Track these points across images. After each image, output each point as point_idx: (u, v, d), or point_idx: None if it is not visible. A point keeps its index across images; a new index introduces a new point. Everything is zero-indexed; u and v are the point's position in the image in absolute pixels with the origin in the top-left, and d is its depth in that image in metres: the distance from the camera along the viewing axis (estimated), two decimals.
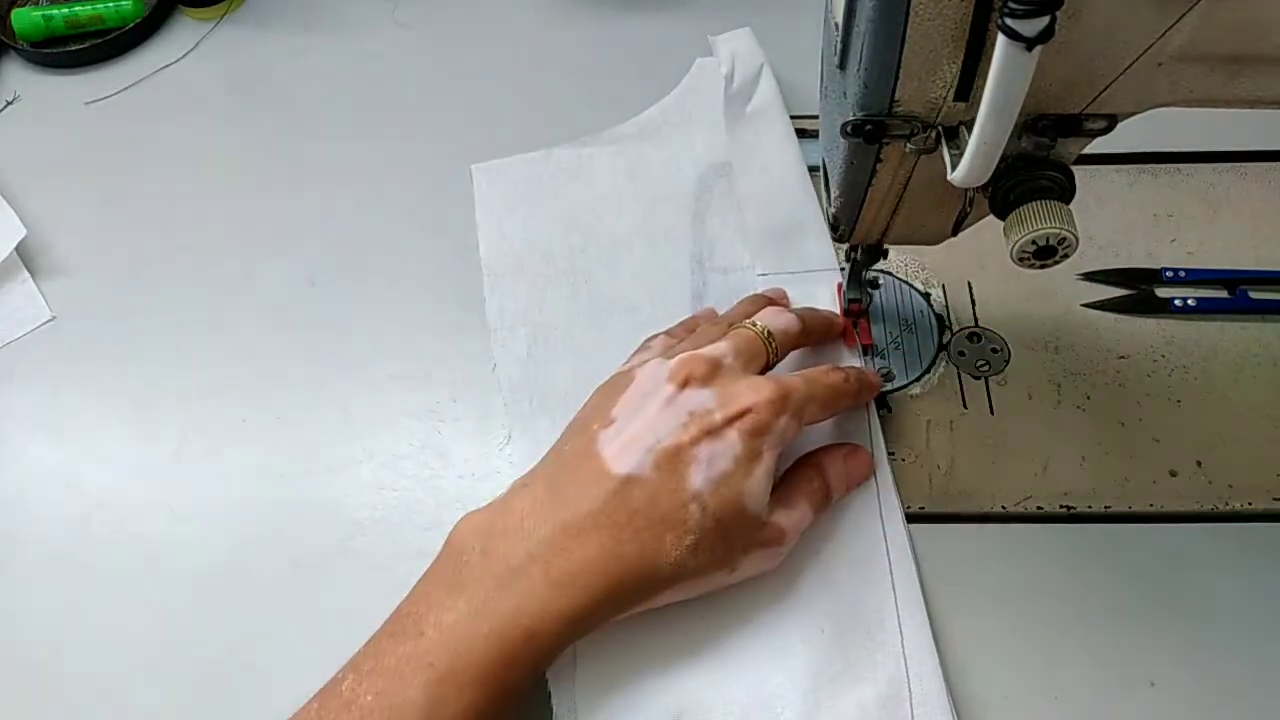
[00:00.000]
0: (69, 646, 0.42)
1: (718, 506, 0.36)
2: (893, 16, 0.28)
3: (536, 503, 0.37)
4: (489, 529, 0.36)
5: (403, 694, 0.33)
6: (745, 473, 0.36)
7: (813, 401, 0.39)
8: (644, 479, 0.36)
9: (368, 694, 0.33)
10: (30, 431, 0.48)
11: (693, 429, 0.36)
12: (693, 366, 0.38)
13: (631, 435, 0.37)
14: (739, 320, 0.42)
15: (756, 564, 0.38)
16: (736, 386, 0.38)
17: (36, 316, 0.52)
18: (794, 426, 0.38)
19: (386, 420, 0.47)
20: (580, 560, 0.35)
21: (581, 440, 0.38)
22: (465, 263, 0.52)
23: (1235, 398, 0.45)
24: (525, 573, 0.35)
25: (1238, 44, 0.29)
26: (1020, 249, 0.32)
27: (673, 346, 0.42)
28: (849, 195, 0.37)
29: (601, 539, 0.35)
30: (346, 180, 0.56)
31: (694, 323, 0.46)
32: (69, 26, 0.62)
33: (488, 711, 0.33)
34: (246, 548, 0.44)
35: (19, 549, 0.45)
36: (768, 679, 0.38)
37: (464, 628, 0.34)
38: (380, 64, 0.61)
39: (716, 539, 0.36)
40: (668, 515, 0.35)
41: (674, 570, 0.35)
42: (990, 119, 0.27)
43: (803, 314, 0.43)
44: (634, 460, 0.36)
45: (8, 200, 0.55)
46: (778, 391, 0.37)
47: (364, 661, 0.35)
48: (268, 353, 0.50)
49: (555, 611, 0.34)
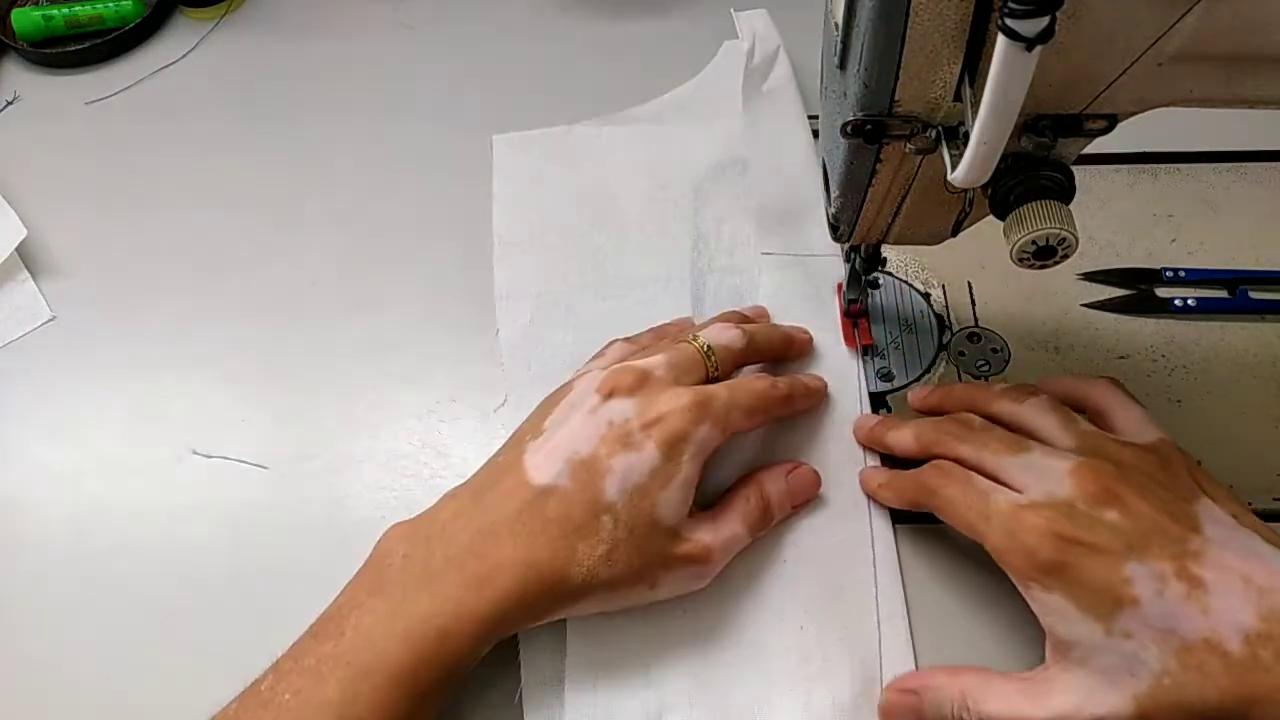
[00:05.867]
0: (69, 646, 0.42)
1: (630, 517, 0.36)
2: (893, 16, 0.28)
3: (460, 511, 0.37)
4: (412, 535, 0.37)
5: (320, 693, 0.34)
6: (660, 484, 0.36)
7: (736, 409, 0.39)
8: (560, 489, 0.36)
9: (286, 693, 0.34)
10: (30, 431, 0.48)
11: (610, 439, 0.37)
12: (619, 378, 0.38)
13: (553, 446, 0.37)
14: (690, 330, 0.42)
15: (681, 581, 0.38)
16: (658, 397, 0.38)
17: (36, 316, 0.52)
18: (716, 435, 0.38)
19: (386, 420, 0.47)
20: (494, 564, 0.35)
21: (513, 452, 0.38)
22: (466, 263, 0.52)
23: (1235, 398, 0.45)
24: (442, 575, 0.35)
25: (1238, 44, 0.28)
26: (1020, 249, 0.32)
27: (630, 354, 0.42)
28: (849, 195, 0.37)
29: (516, 545, 0.35)
30: (348, 181, 0.56)
31: (663, 329, 0.46)
32: (69, 26, 0.62)
33: (402, 712, 0.34)
34: (246, 548, 0.44)
35: (19, 549, 0.45)
36: (747, 678, 0.38)
37: (381, 627, 0.35)
38: (382, 64, 0.61)
39: (631, 550, 0.36)
40: (581, 525, 0.35)
41: (586, 579, 0.35)
42: (990, 119, 0.27)
43: (753, 331, 0.43)
44: (552, 471, 0.36)
45: (8, 200, 0.55)
46: (695, 399, 0.38)
47: (285, 663, 0.35)
48: (268, 353, 0.50)
49: (469, 612, 0.35)
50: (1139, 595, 0.32)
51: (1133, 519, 0.34)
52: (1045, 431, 0.38)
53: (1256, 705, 0.31)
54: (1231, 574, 0.32)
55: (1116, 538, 0.33)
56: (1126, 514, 0.34)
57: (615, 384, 0.38)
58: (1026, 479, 0.36)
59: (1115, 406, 0.39)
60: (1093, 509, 0.34)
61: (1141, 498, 0.34)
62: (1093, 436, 0.37)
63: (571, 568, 0.35)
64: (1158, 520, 0.34)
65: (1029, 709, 0.34)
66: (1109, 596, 0.33)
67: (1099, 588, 0.33)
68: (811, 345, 0.46)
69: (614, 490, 0.36)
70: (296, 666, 0.35)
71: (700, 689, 0.38)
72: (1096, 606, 0.33)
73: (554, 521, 0.36)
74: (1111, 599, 0.33)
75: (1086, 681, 0.33)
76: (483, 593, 0.35)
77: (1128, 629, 0.32)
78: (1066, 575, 0.33)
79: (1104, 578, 0.33)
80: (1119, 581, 0.33)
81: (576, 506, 0.36)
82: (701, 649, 0.39)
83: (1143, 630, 0.32)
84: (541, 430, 0.38)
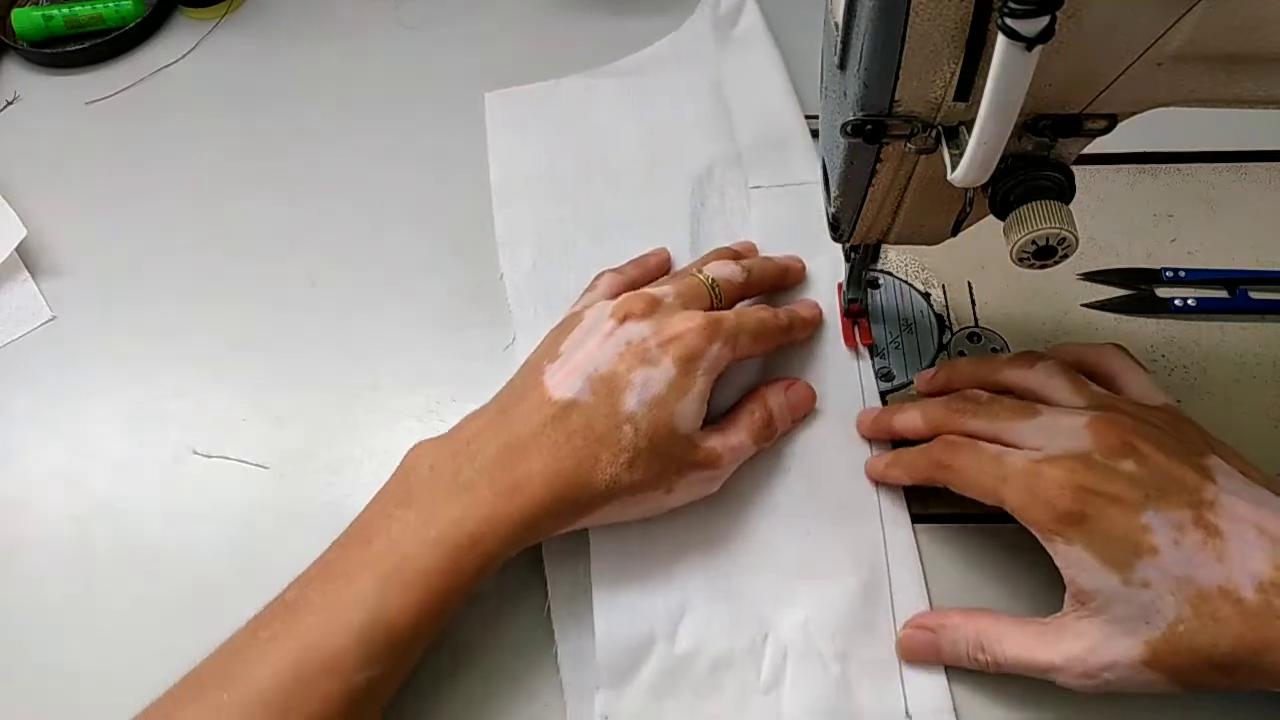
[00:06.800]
0: (69, 646, 0.42)
1: (650, 427, 0.38)
2: (893, 16, 0.28)
3: (484, 428, 0.39)
4: (438, 451, 0.39)
5: (351, 592, 0.35)
6: (677, 395, 0.39)
7: (744, 332, 0.41)
8: (582, 403, 0.38)
9: (314, 596, 0.36)
10: (30, 431, 0.48)
11: (628, 356, 0.39)
12: (633, 304, 0.41)
13: (573, 366, 0.39)
14: (688, 268, 0.45)
15: (694, 486, 0.40)
16: (671, 319, 0.40)
17: (36, 316, 0.52)
18: (727, 354, 0.40)
19: (386, 420, 0.47)
20: (523, 474, 0.37)
21: (530, 374, 0.41)
22: (466, 262, 0.52)
23: (1235, 398, 0.45)
24: (472, 486, 0.37)
25: (1238, 44, 0.28)
26: (1020, 249, 0.32)
27: (619, 283, 0.45)
28: (849, 195, 0.37)
29: (542, 455, 0.37)
30: (347, 181, 0.56)
31: (645, 260, 0.48)
32: (69, 26, 0.62)
33: (432, 611, 0.35)
34: (246, 548, 0.44)
35: (19, 549, 0.45)
36: (760, 576, 0.41)
37: (412, 535, 0.36)
38: (383, 64, 0.61)
39: (650, 457, 0.38)
40: (603, 435, 0.38)
41: (610, 485, 0.37)
42: (990, 119, 0.27)
43: (751, 264, 0.46)
44: (574, 387, 0.39)
45: (8, 200, 0.55)
46: (709, 320, 0.40)
47: (311, 572, 0.37)
48: (268, 352, 0.50)
49: (502, 517, 0.36)
50: (1158, 543, 0.33)
51: (1149, 469, 0.34)
52: (1056, 394, 0.39)
53: (1267, 651, 0.32)
54: (1246, 524, 0.33)
55: (1134, 487, 0.34)
56: (1143, 464, 0.34)
57: (630, 309, 0.41)
58: (1041, 439, 0.37)
59: (1123, 371, 0.40)
60: (1110, 459, 0.35)
61: (1157, 449, 0.35)
62: (1103, 396, 0.38)
63: (596, 474, 0.37)
64: (1174, 471, 0.34)
65: (1043, 652, 0.35)
66: (1128, 545, 0.33)
67: (1118, 537, 0.34)
68: (805, 272, 0.49)
69: (634, 402, 0.38)
70: (324, 573, 0.37)
71: (717, 587, 0.40)
72: (1116, 556, 0.33)
73: (578, 432, 0.38)
74: (1130, 547, 0.33)
75: (1102, 629, 0.34)
76: (513, 500, 0.37)
77: (1146, 578, 0.33)
78: (1086, 525, 0.34)
79: (1123, 527, 0.34)
80: (1138, 530, 0.33)
81: (598, 418, 0.38)
82: (716, 551, 0.41)
83: (1160, 579, 0.33)
84: (558, 354, 0.41)
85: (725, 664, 0.39)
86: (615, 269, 0.47)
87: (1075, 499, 0.34)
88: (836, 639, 0.39)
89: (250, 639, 0.35)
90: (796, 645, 0.39)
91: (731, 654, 0.39)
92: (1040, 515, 0.35)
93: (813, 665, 0.39)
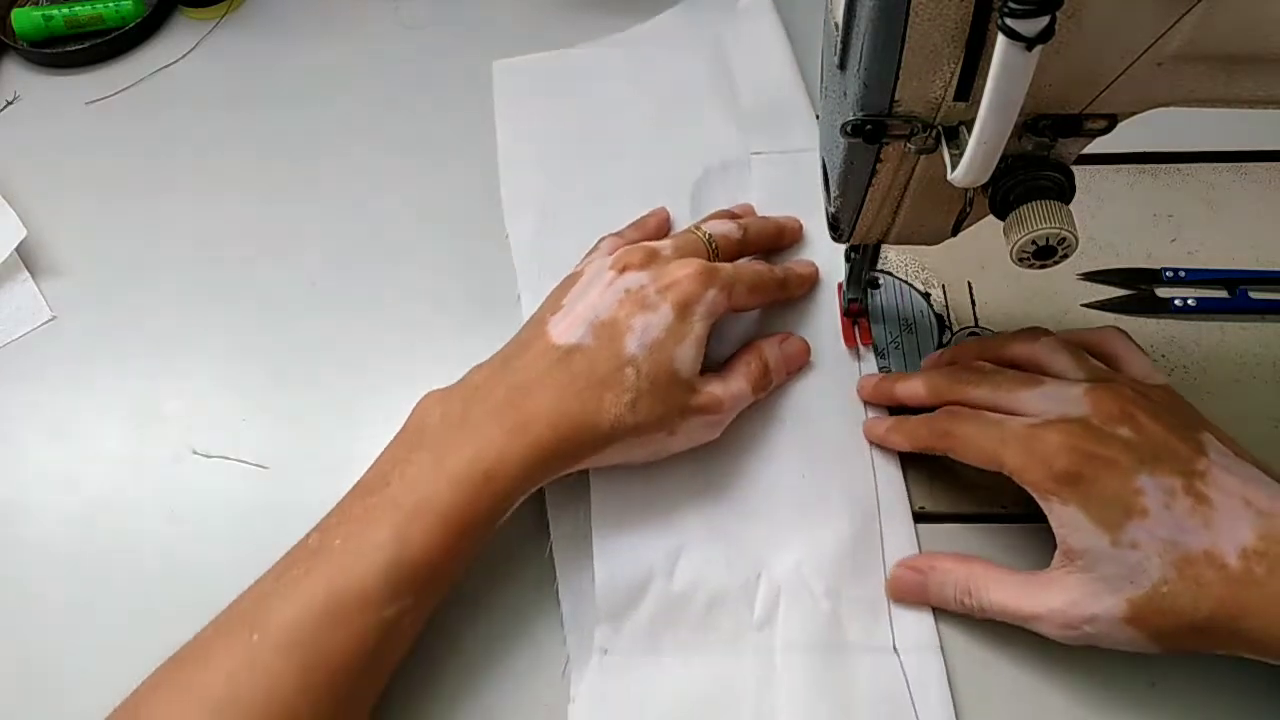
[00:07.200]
0: (69, 646, 0.42)
1: (651, 369, 0.39)
2: (893, 16, 0.28)
3: (490, 375, 0.41)
4: (447, 398, 0.40)
5: (371, 535, 0.36)
6: (675, 339, 0.40)
7: (739, 282, 0.42)
8: (585, 348, 0.40)
9: (336, 539, 0.36)
10: (30, 431, 0.48)
11: (628, 303, 0.40)
12: (631, 255, 0.42)
13: (575, 315, 0.41)
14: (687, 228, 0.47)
15: (696, 430, 0.41)
16: (668, 267, 0.42)
17: (36, 316, 0.52)
18: (723, 300, 0.42)
19: (386, 420, 0.47)
20: (530, 414, 0.38)
21: (535, 327, 0.42)
22: (467, 262, 0.52)
23: (1235, 398, 0.45)
24: (482, 425, 0.38)
25: (1238, 44, 0.28)
26: (1020, 249, 0.32)
27: (619, 245, 0.45)
28: (849, 195, 0.37)
29: (548, 397, 0.39)
30: (347, 181, 0.56)
31: (644, 222, 0.50)
32: (69, 26, 0.62)
33: (451, 548, 0.36)
34: (247, 548, 0.44)
35: (19, 549, 0.45)
36: (756, 518, 0.42)
37: (427, 474, 0.37)
38: (383, 64, 0.61)
39: (652, 399, 0.39)
40: (606, 377, 0.39)
41: (613, 425, 0.39)
42: (990, 119, 0.27)
43: (747, 223, 0.47)
44: (576, 333, 0.40)
45: (8, 200, 0.55)
46: (704, 267, 0.42)
47: (330, 519, 0.38)
48: (268, 352, 0.50)
49: (512, 454, 0.37)
50: (1148, 506, 0.34)
51: (1145, 436, 0.36)
52: (1058, 367, 0.40)
53: (1245, 616, 0.33)
54: (1234, 496, 0.34)
55: (1129, 452, 0.35)
56: (1139, 431, 0.36)
57: (628, 260, 0.42)
58: (1042, 406, 0.38)
59: (1123, 352, 0.41)
60: (1107, 425, 0.36)
61: (1153, 419, 0.36)
62: (1104, 371, 0.40)
63: (600, 415, 0.38)
64: (1168, 440, 0.36)
65: (1027, 602, 0.37)
66: (1120, 507, 0.34)
67: (1111, 498, 0.35)
68: (802, 232, 0.50)
69: (634, 345, 0.39)
70: (344, 518, 0.37)
71: (714, 530, 0.42)
72: (1108, 517, 0.35)
73: (581, 375, 0.39)
74: (1122, 509, 0.34)
75: (1088, 585, 0.35)
76: (522, 438, 0.38)
77: (1135, 539, 0.34)
78: (1082, 486, 0.35)
79: (1117, 489, 0.35)
80: (1130, 492, 0.34)
81: (601, 361, 0.39)
82: (713, 496, 0.43)
83: (1148, 541, 0.34)
84: (560, 306, 0.42)
85: (720, 602, 0.40)
86: (615, 233, 0.49)
87: (1072, 460, 0.35)
88: (828, 578, 0.41)
89: (275, 582, 0.36)
90: (789, 584, 0.41)
91: (727, 592, 0.40)
92: (1038, 475, 0.36)
93: (804, 602, 0.40)
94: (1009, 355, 0.42)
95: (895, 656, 0.39)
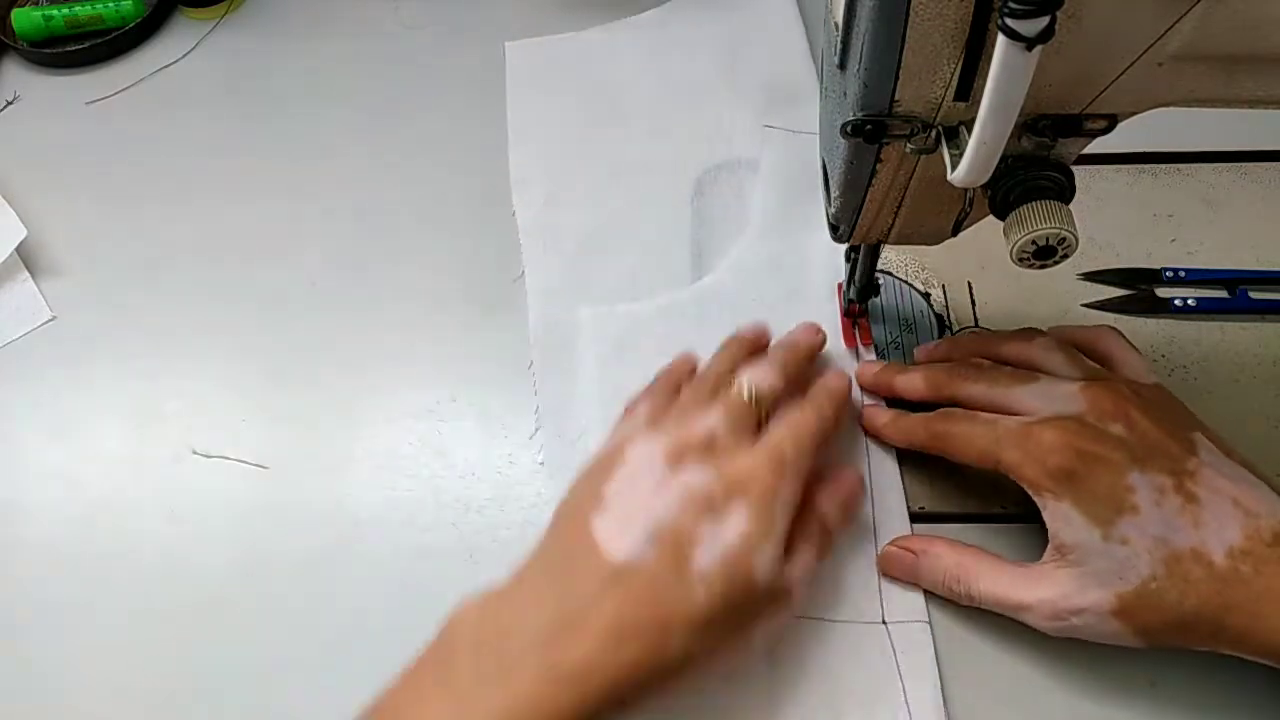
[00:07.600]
0: (69, 646, 0.42)
1: (726, 586, 0.34)
2: (893, 16, 0.28)
3: (534, 594, 0.35)
4: (482, 620, 0.34)
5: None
6: (753, 547, 0.34)
7: (803, 456, 0.37)
8: (644, 564, 0.34)
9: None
10: (30, 431, 0.48)
11: (691, 506, 0.35)
12: (686, 443, 0.37)
13: (629, 520, 0.35)
14: (722, 375, 0.41)
15: (771, 626, 0.36)
16: (734, 459, 0.36)
17: (36, 316, 0.52)
18: (798, 488, 0.37)
19: (386, 420, 0.47)
20: (579, 658, 0.32)
21: (575, 525, 0.36)
22: (467, 262, 0.52)
23: (1235, 398, 0.45)
24: (516, 668, 0.32)
25: (1238, 44, 0.28)
26: (1020, 249, 0.32)
27: (657, 418, 0.40)
28: (849, 195, 0.37)
29: (601, 634, 0.32)
30: (347, 181, 0.56)
31: (675, 379, 0.43)
32: (69, 26, 0.62)
33: None
34: (246, 548, 0.44)
35: (19, 549, 0.45)
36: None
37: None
38: (382, 64, 0.61)
39: (726, 618, 0.34)
40: (673, 602, 0.33)
41: (681, 658, 0.33)
42: (990, 119, 0.27)
43: (782, 361, 0.42)
44: (632, 544, 0.34)
45: (8, 200, 0.55)
46: (775, 456, 0.37)
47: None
48: (268, 353, 0.50)
49: (547, 712, 0.31)
50: (1139, 503, 0.35)
51: (1137, 434, 0.36)
52: (1052, 366, 0.40)
53: (1230, 613, 0.33)
54: (1223, 496, 0.35)
55: (1121, 449, 0.35)
56: (1132, 429, 0.36)
57: (683, 449, 0.37)
58: (1036, 403, 0.38)
59: (1117, 351, 0.41)
60: (1101, 422, 0.36)
61: (1146, 417, 0.36)
62: (1098, 370, 0.40)
63: (666, 651, 0.33)
64: (1160, 439, 0.36)
65: (1016, 593, 0.37)
66: (1112, 503, 0.35)
67: (1103, 495, 0.35)
68: (824, 337, 0.45)
69: (705, 559, 0.34)
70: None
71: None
72: (1099, 513, 0.35)
73: (643, 602, 0.33)
74: (1114, 505, 0.35)
75: (1077, 578, 0.35)
76: (565, 690, 0.32)
77: (1125, 535, 0.34)
78: (1075, 482, 0.35)
79: (1109, 485, 0.35)
80: (1122, 489, 0.35)
81: (665, 580, 0.33)
82: None
83: (1138, 537, 0.34)
84: (603, 499, 0.36)
85: None
86: (648, 391, 0.42)
87: (1066, 457, 0.35)
88: None
89: None
90: None
91: None
92: (1033, 472, 0.36)
93: None
94: (1004, 354, 0.42)
95: (884, 627, 0.40)
